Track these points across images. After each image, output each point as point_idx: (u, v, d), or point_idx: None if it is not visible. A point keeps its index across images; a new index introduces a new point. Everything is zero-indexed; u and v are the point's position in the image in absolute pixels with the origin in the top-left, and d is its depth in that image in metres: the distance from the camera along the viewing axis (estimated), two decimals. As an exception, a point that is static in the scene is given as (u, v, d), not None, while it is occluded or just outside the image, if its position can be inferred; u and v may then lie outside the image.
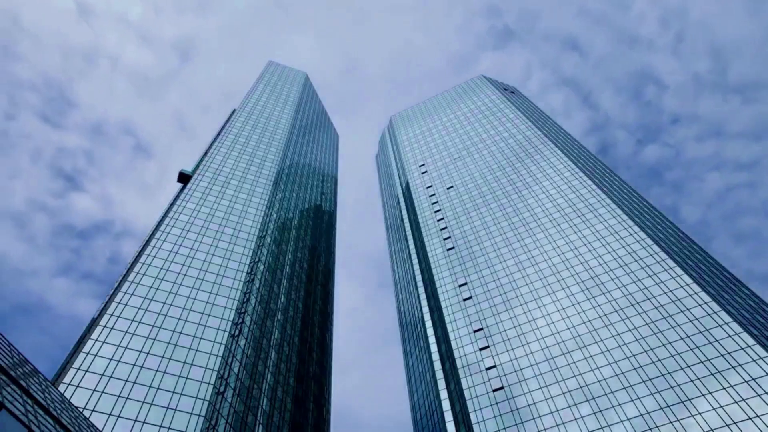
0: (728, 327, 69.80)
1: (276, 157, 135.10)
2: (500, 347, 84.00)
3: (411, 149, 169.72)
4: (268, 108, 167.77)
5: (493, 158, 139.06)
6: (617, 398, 68.39)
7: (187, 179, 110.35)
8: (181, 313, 75.26)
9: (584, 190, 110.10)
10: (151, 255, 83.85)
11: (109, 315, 70.39)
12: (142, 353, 66.70)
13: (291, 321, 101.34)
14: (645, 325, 75.84)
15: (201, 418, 61.03)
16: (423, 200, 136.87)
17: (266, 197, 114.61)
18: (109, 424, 56.40)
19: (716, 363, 66.39)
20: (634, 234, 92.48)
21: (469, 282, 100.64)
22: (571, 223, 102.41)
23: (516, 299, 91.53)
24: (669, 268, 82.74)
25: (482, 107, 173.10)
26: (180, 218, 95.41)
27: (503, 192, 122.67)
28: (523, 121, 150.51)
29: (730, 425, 59.28)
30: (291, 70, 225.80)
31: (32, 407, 27.58)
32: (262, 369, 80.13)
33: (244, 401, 70.61)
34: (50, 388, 35.80)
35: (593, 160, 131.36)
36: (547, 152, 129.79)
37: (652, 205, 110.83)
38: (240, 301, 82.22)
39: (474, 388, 79.27)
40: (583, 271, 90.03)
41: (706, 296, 75.48)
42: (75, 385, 59.03)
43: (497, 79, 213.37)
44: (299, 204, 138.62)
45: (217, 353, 70.92)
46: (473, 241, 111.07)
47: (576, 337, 79.49)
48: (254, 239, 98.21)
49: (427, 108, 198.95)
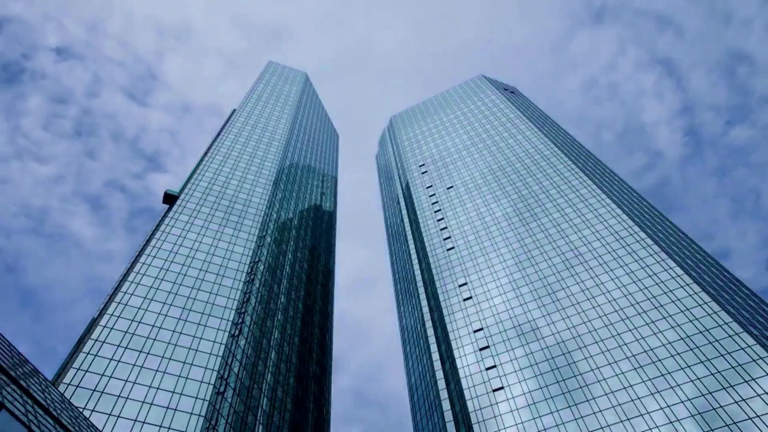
0: (728, 327, 69.80)
1: (276, 157, 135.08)
2: (500, 347, 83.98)
3: (411, 149, 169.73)
4: (268, 108, 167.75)
5: (493, 158, 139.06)
6: (617, 398, 68.38)
7: (172, 200, 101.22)
8: (181, 313, 75.25)
9: (584, 190, 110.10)
10: (151, 255, 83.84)
11: (109, 315, 70.38)
12: (142, 353, 66.69)
13: (291, 321, 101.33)
14: (645, 325, 75.83)
15: (201, 418, 61.03)
16: (423, 200, 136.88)
17: (266, 197, 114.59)
18: (109, 424, 56.39)
19: (716, 363, 66.39)
20: (634, 234, 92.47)
21: (469, 282, 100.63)
22: (571, 223, 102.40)
23: (516, 299, 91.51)
24: (669, 268, 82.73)
25: (482, 107, 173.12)
26: (180, 218, 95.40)
27: (503, 192, 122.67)
28: (523, 121, 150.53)
29: (730, 425, 59.27)
30: (291, 70, 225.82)
31: (32, 407, 27.57)
32: (262, 369, 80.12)
33: (244, 401, 70.61)
34: (50, 388, 35.79)
35: (593, 159, 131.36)
36: (547, 152, 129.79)
37: (652, 205, 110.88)
38: (240, 301, 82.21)
39: (474, 388, 79.26)
40: (583, 271, 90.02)
41: (706, 296, 75.47)
42: (75, 385, 59.02)
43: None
44: (299, 204, 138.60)
45: (217, 353, 70.91)
46: (473, 241, 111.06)
47: (576, 337, 79.47)
48: (254, 239, 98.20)
49: (427, 108, 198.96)
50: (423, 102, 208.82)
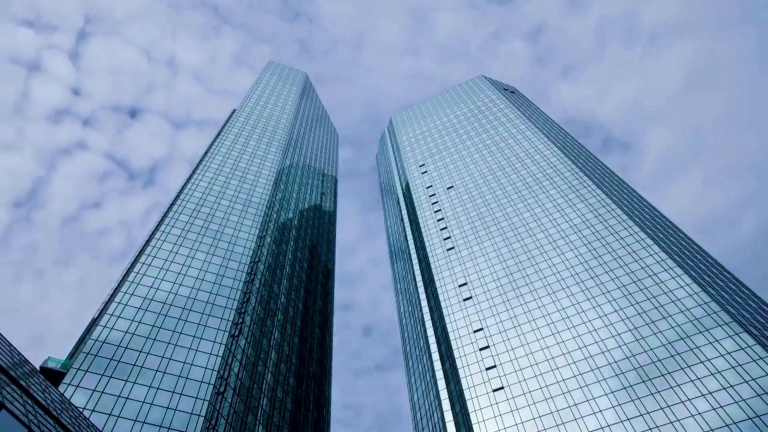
0: (728, 327, 69.83)
1: (276, 157, 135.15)
2: (500, 347, 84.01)
3: (411, 149, 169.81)
4: (268, 108, 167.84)
5: (493, 158, 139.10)
6: (617, 398, 68.41)
7: (57, 375, 60.98)
8: (181, 313, 75.30)
9: (584, 190, 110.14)
10: (151, 255, 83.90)
11: (109, 315, 70.45)
12: (143, 353, 66.74)
13: (291, 321, 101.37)
14: (645, 325, 75.86)
15: (201, 418, 61.08)
16: (423, 200, 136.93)
17: (266, 197, 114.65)
18: (109, 424, 56.44)
19: (716, 363, 66.41)
20: (635, 234, 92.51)
21: (469, 282, 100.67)
22: (571, 223, 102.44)
23: (516, 299, 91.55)
24: (669, 268, 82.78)
25: (482, 107, 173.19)
26: (180, 218, 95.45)
27: (503, 192, 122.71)
28: (523, 121, 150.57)
29: (730, 425, 59.29)
30: (291, 70, 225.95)
31: (32, 407, 27.59)
32: (262, 369, 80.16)
33: (244, 401, 70.65)
34: (50, 388, 35.82)
35: (593, 159, 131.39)
36: (547, 152, 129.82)
37: (652, 204, 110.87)
38: (240, 301, 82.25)
39: (474, 388, 79.29)
40: (583, 271, 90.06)
41: (706, 296, 75.51)
42: (75, 385, 59.08)
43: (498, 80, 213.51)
44: (299, 204, 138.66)
45: (217, 353, 70.96)
46: (473, 241, 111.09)
47: (576, 337, 79.50)
48: (254, 239, 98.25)
49: (427, 108, 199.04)
50: (423, 102, 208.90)
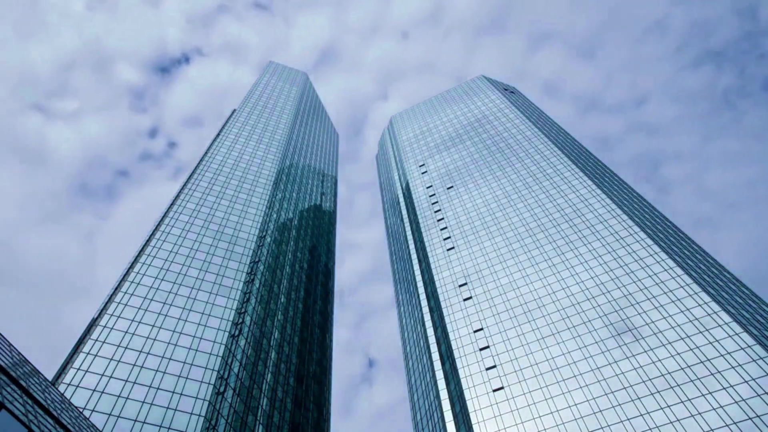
0: (728, 327, 69.83)
1: (276, 157, 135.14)
2: (500, 347, 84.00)
3: (411, 149, 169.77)
4: (268, 108, 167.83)
5: (492, 158, 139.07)
6: (617, 398, 68.40)
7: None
8: (181, 313, 75.29)
9: (584, 190, 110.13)
10: (151, 255, 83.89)
11: (109, 315, 70.43)
12: (142, 353, 66.73)
13: (291, 321, 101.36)
14: (645, 325, 75.86)
15: (201, 418, 61.07)
16: (423, 200, 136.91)
17: (266, 197, 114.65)
18: (109, 424, 56.42)
19: (716, 363, 66.41)
20: (634, 234, 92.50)
21: (469, 282, 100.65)
22: (571, 223, 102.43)
23: (516, 299, 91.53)
24: (669, 268, 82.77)
25: (482, 107, 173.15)
26: (180, 218, 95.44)
27: (503, 192, 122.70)
28: (522, 121, 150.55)
29: (730, 425, 59.29)
30: (291, 70, 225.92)
31: (32, 407, 27.58)
32: (262, 369, 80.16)
33: (244, 401, 70.64)
34: (50, 388, 35.81)
35: (593, 160, 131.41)
36: (547, 152, 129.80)
37: (652, 205, 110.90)
38: (240, 301, 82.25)
39: (474, 388, 79.28)
40: (583, 271, 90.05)
41: (706, 296, 75.51)
42: (75, 385, 59.06)
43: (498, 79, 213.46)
44: (299, 204, 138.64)
45: (217, 353, 70.96)
46: (473, 241, 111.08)
47: (576, 337, 79.49)
48: (254, 239, 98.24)
49: (426, 108, 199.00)
50: (423, 102, 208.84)
